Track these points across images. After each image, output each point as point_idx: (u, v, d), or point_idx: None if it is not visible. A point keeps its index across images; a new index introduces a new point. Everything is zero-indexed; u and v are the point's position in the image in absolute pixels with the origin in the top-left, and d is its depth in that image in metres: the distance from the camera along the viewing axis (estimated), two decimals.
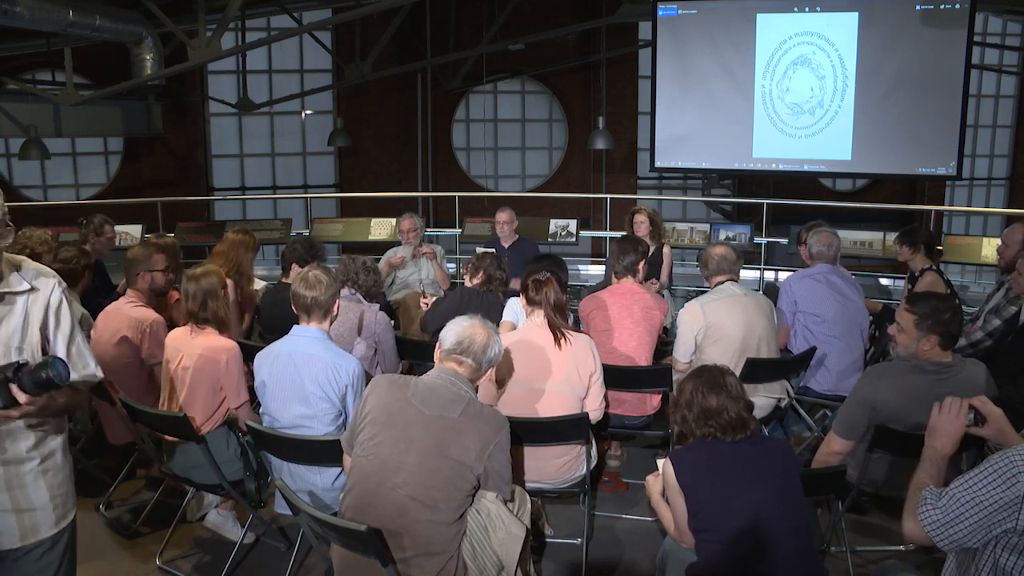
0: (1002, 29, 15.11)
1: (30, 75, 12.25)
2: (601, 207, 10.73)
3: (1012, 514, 1.88)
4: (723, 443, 2.50)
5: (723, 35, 9.81)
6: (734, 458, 2.47)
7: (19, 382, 1.87)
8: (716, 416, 2.50)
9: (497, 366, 3.26)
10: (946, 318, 2.96)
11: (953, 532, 1.96)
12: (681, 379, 2.73)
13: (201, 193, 13.49)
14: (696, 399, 2.54)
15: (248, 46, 11.12)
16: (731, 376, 2.60)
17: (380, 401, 2.52)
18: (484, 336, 2.63)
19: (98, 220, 5.42)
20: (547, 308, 3.37)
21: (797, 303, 4.39)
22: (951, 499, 1.97)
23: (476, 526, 2.50)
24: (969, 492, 1.94)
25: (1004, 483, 1.88)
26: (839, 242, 4.63)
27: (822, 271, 4.44)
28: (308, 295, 3.19)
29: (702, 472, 2.47)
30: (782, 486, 2.45)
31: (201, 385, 3.35)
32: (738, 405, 2.51)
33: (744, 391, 2.59)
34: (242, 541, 3.48)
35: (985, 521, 1.91)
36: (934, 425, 2.26)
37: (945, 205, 14.57)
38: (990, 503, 1.90)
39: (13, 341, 2.06)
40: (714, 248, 4.17)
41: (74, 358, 2.19)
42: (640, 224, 5.97)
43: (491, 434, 2.48)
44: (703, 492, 2.45)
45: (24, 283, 2.09)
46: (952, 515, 1.96)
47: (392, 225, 8.57)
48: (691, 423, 2.55)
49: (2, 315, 2.05)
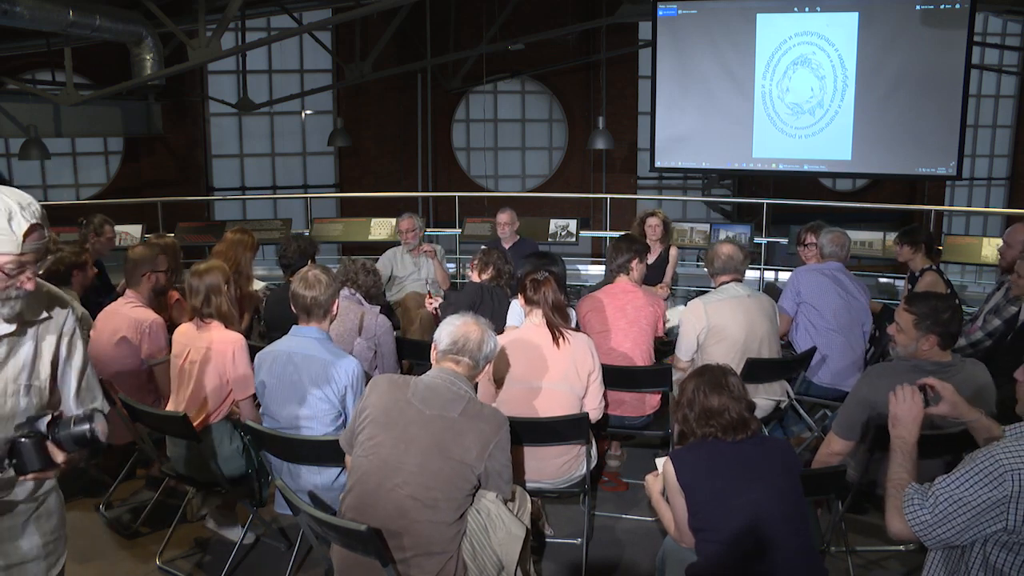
0: (1002, 29, 15.11)
1: (30, 75, 12.25)
2: (601, 207, 10.74)
3: (1001, 514, 1.88)
4: (724, 443, 2.49)
5: (723, 35, 9.81)
6: (734, 458, 2.47)
7: (56, 439, 1.64)
8: (717, 416, 2.49)
9: (495, 365, 3.27)
10: (945, 318, 2.96)
11: (942, 532, 1.96)
12: (682, 378, 2.73)
13: (201, 193, 13.49)
14: (697, 398, 2.54)
15: (248, 46, 11.12)
16: (733, 376, 2.60)
17: (380, 401, 2.52)
18: (478, 333, 2.63)
19: (98, 220, 5.42)
20: (545, 308, 3.38)
21: (801, 293, 4.42)
22: (937, 499, 1.96)
23: (476, 526, 2.50)
24: (957, 492, 1.93)
25: (991, 483, 1.88)
26: (850, 242, 4.72)
27: (831, 267, 4.50)
28: (308, 295, 3.19)
29: (702, 472, 2.47)
30: (782, 486, 2.45)
31: (208, 377, 3.36)
32: (740, 405, 2.51)
33: (746, 391, 2.59)
34: (242, 541, 3.48)
35: (974, 521, 1.91)
36: (894, 414, 2.30)
37: (945, 205, 14.57)
38: (978, 503, 1.90)
39: (21, 378, 1.83)
40: (721, 246, 4.11)
41: (83, 393, 2.00)
42: (655, 228, 5.99)
43: (491, 433, 2.48)
44: (703, 492, 2.45)
45: (42, 311, 1.89)
46: (940, 515, 1.96)
47: (392, 225, 8.56)
48: (692, 422, 2.55)
49: (11, 347, 1.82)
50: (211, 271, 3.48)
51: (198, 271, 3.48)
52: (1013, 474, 1.85)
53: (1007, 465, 1.87)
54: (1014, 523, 1.86)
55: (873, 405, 2.99)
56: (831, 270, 4.47)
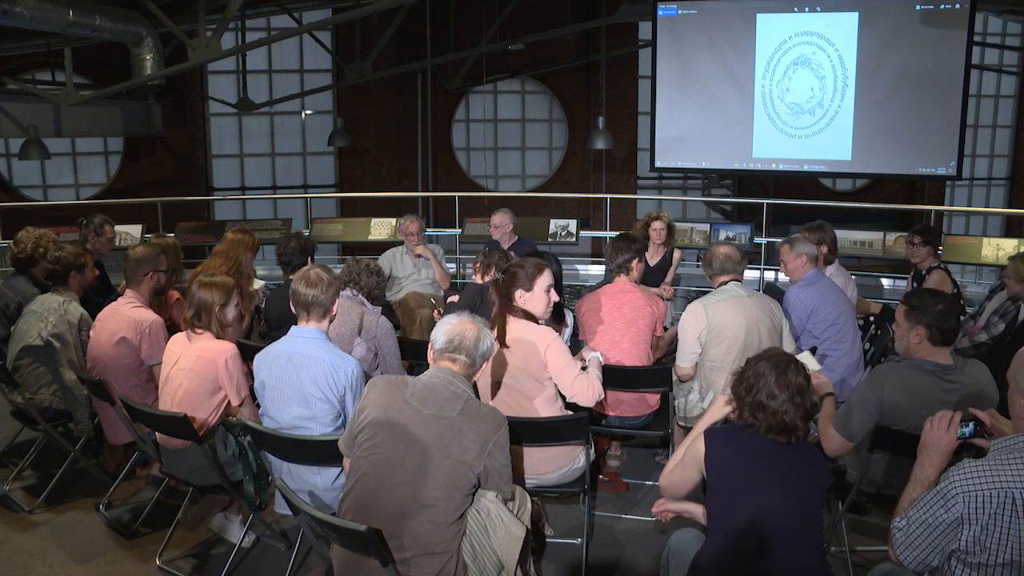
0: (1002, 29, 15.12)
1: (30, 75, 12.26)
2: (601, 207, 10.75)
3: (954, 534, 1.98)
4: (762, 439, 2.39)
5: (723, 35, 9.81)
6: (766, 457, 2.38)
7: None
8: (770, 415, 2.37)
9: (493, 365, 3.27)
10: (937, 311, 2.93)
11: (916, 554, 2.06)
12: (754, 356, 2.53)
13: (201, 193, 13.50)
14: (759, 386, 2.39)
15: (248, 46, 11.12)
16: (804, 377, 2.43)
17: (379, 402, 2.52)
18: (474, 331, 2.63)
19: (98, 220, 5.42)
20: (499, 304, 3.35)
21: (813, 313, 4.22)
22: (910, 522, 2.07)
23: (476, 526, 2.50)
24: (922, 514, 2.04)
25: (943, 505, 1.99)
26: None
27: (818, 275, 4.36)
28: (308, 293, 3.19)
29: (728, 460, 2.41)
30: (803, 497, 2.36)
31: (198, 387, 3.34)
32: (797, 412, 2.37)
33: (810, 394, 2.45)
34: (242, 541, 3.48)
35: (937, 541, 2.02)
36: (924, 441, 2.23)
37: (945, 205, 14.57)
38: (936, 524, 2.00)
39: None
40: (718, 247, 4.05)
41: None
42: (660, 232, 5.96)
43: (491, 432, 2.48)
44: (724, 480, 2.40)
45: None
46: (912, 538, 2.06)
47: (392, 225, 8.57)
48: (744, 405, 2.43)
49: None
50: (209, 287, 3.42)
51: (202, 282, 3.45)
52: (960, 496, 1.95)
53: (958, 487, 1.96)
54: (966, 544, 1.95)
55: (882, 406, 2.97)
56: (821, 276, 4.36)
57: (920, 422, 2.90)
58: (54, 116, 10.90)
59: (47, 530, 3.77)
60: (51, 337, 3.95)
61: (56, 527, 3.80)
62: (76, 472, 4.22)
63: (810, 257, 4.34)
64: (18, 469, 4.24)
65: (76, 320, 4.05)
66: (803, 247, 4.34)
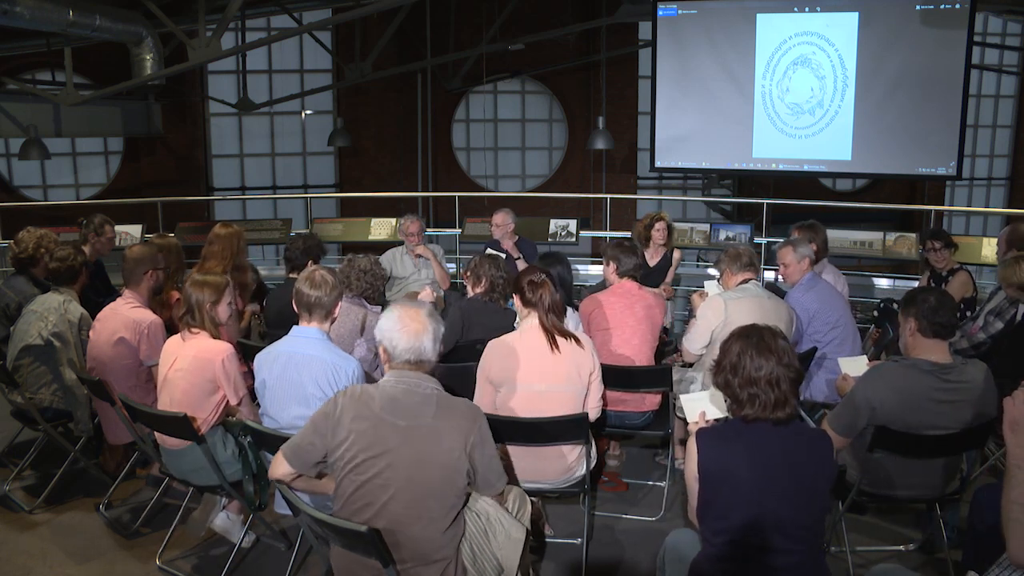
0: (1002, 29, 15.12)
1: (30, 75, 12.26)
2: (601, 207, 10.74)
3: None
4: (764, 426, 2.28)
5: (723, 35, 9.81)
6: (768, 448, 2.29)
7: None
8: (764, 387, 2.26)
9: (493, 368, 3.26)
10: (929, 305, 2.92)
11: None
12: (725, 339, 2.45)
13: (201, 193, 13.50)
14: (744, 363, 2.29)
15: (248, 46, 11.12)
16: (783, 339, 2.33)
17: (352, 425, 2.39)
18: (429, 329, 2.47)
19: (98, 220, 5.42)
20: (541, 311, 3.32)
21: (815, 316, 4.21)
22: None
23: (475, 529, 2.49)
24: None
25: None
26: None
27: (815, 278, 4.36)
28: (312, 294, 3.18)
29: (725, 459, 2.31)
30: (807, 496, 2.29)
31: (195, 388, 3.33)
32: (789, 374, 2.26)
33: (795, 356, 2.34)
34: (242, 542, 3.48)
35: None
36: (1013, 418, 2.05)
37: (945, 205, 14.58)
38: None
39: None
40: (738, 246, 4.05)
41: None
42: (662, 232, 5.97)
43: (469, 426, 2.40)
44: (720, 480, 2.31)
45: None
46: None
47: (392, 225, 8.56)
48: (736, 388, 2.32)
49: None
50: (201, 286, 3.42)
51: (194, 281, 3.46)
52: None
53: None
54: None
55: (873, 405, 2.98)
56: (817, 279, 4.36)
57: (913, 421, 2.93)
58: (54, 116, 10.90)
59: (47, 530, 3.77)
60: (51, 337, 3.95)
61: (56, 527, 3.80)
62: (76, 472, 4.22)
63: (810, 260, 4.37)
64: (18, 469, 4.24)
65: (76, 320, 4.05)
66: (805, 250, 4.36)
